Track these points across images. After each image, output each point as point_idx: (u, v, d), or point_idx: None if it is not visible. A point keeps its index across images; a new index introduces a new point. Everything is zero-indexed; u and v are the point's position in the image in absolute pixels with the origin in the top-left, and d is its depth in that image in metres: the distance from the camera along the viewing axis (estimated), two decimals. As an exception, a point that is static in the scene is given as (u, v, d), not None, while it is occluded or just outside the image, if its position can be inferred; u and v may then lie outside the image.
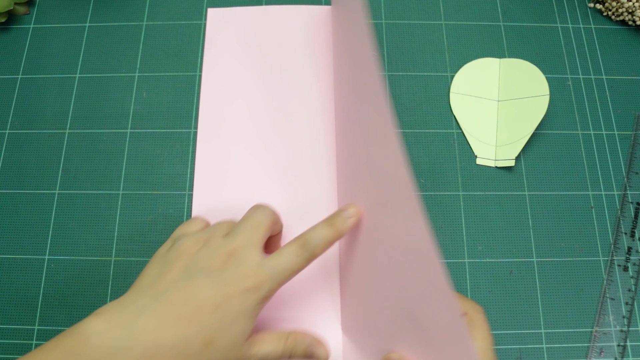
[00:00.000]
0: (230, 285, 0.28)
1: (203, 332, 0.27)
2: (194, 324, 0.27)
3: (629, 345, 0.36)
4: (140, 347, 0.25)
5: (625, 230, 0.39)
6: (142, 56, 0.44)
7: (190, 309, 0.27)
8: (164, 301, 0.27)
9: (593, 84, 0.43)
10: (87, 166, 0.40)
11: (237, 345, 0.28)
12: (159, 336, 0.26)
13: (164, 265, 0.29)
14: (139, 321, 0.26)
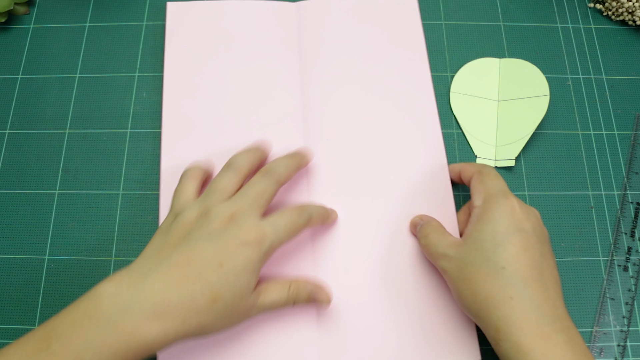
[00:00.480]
0: (232, 242, 0.29)
1: (208, 289, 0.28)
2: (199, 282, 0.28)
3: (628, 345, 0.36)
4: (149, 306, 0.27)
5: (625, 230, 0.39)
6: (142, 56, 0.44)
7: (195, 268, 0.28)
8: (169, 264, 0.29)
9: (593, 84, 0.43)
10: (87, 166, 0.40)
11: (243, 299, 0.30)
12: (167, 294, 0.27)
13: (167, 235, 0.31)
14: (146, 282, 0.28)
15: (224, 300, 0.29)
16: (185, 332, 0.28)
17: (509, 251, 0.29)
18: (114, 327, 0.26)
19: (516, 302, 0.28)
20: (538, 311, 0.28)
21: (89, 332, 0.26)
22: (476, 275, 0.29)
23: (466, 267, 0.30)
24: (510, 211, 0.30)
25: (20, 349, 0.27)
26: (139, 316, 0.27)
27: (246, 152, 0.35)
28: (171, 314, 0.27)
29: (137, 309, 0.27)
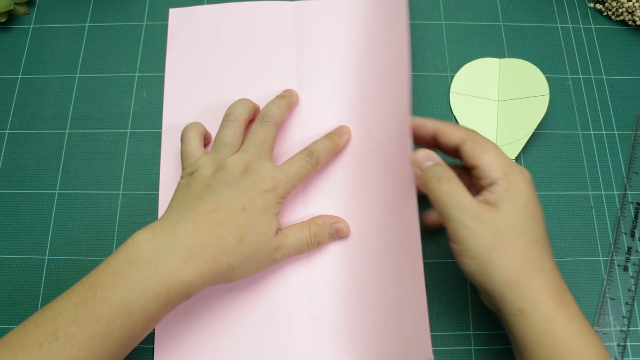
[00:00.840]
0: (251, 189, 0.32)
1: (235, 230, 0.31)
2: (227, 224, 0.31)
3: (628, 345, 0.36)
4: (184, 248, 0.29)
5: (625, 230, 0.39)
6: (142, 56, 0.44)
7: (221, 213, 0.31)
8: (197, 211, 0.31)
9: (593, 84, 0.43)
10: (87, 166, 0.40)
11: (267, 239, 0.32)
12: (199, 237, 0.30)
13: (189, 189, 0.33)
14: (179, 227, 0.30)
15: (250, 240, 0.31)
16: (218, 272, 0.30)
17: (539, 225, 0.30)
18: (155, 270, 0.28)
19: (546, 274, 0.29)
20: (559, 283, 0.29)
21: (131, 276, 0.28)
22: (513, 246, 0.29)
23: (502, 235, 0.29)
24: (528, 186, 0.31)
25: (67, 301, 0.28)
26: (176, 258, 0.29)
27: (240, 102, 0.38)
28: (204, 254, 0.30)
29: (173, 252, 0.29)
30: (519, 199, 0.30)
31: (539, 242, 0.30)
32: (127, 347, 0.29)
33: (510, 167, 0.31)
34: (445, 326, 0.36)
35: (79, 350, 0.27)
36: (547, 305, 0.28)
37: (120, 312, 0.28)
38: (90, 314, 0.27)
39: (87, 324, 0.27)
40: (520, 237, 0.29)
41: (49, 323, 0.27)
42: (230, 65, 0.42)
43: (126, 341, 0.28)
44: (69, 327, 0.27)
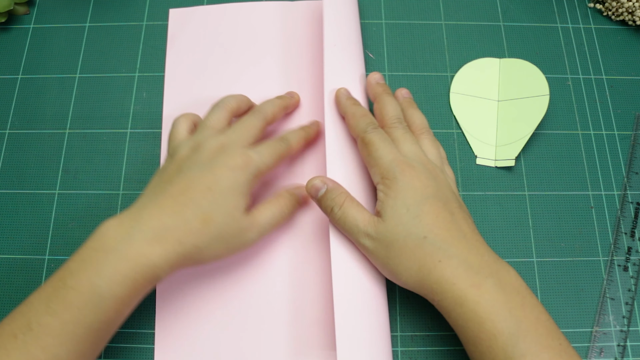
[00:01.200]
0: (218, 168, 0.32)
1: (200, 212, 0.31)
2: (191, 206, 0.31)
3: (628, 345, 0.36)
4: (149, 231, 0.30)
5: (625, 230, 0.39)
6: (142, 56, 0.44)
7: (187, 195, 0.31)
8: (164, 195, 0.31)
9: (593, 84, 0.43)
10: (87, 166, 0.40)
11: (234, 220, 0.32)
12: (162, 220, 0.30)
13: (163, 174, 0.33)
14: (145, 212, 0.31)
15: (215, 221, 0.31)
16: (184, 254, 0.30)
17: (425, 220, 0.30)
18: (121, 254, 0.29)
19: (444, 263, 0.30)
20: (465, 265, 0.29)
21: (99, 262, 0.29)
22: (403, 251, 0.30)
23: (392, 246, 0.31)
24: (410, 183, 0.31)
25: (40, 293, 0.29)
26: (141, 241, 0.29)
27: (232, 94, 0.38)
28: (169, 236, 0.30)
29: (138, 235, 0.29)
30: (397, 202, 0.31)
31: (427, 237, 0.30)
32: (101, 334, 0.29)
33: (390, 170, 0.32)
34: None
35: (53, 338, 0.27)
36: (452, 292, 0.29)
37: (90, 297, 0.28)
38: (61, 302, 0.28)
39: (59, 312, 0.28)
40: (407, 241, 0.30)
41: (23, 316, 0.28)
42: (231, 66, 0.42)
43: (99, 326, 0.29)
44: (42, 317, 0.28)
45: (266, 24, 0.44)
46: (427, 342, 0.36)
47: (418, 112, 0.39)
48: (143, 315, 0.36)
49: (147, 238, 0.29)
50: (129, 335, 0.36)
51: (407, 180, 0.31)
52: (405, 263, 0.30)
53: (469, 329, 0.29)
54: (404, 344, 0.35)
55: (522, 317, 0.28)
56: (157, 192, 0.32)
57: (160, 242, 0.30)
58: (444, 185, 0.33)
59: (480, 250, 0.31)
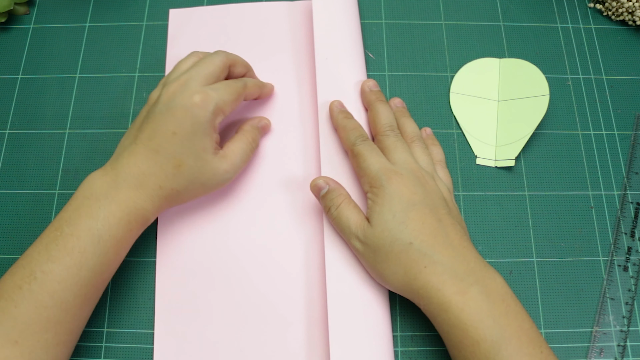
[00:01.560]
0: (178, 109, 0.32)
1: (171, 157, 0.32)
2: (161, 152, 0.32)
3: (628, 345, 0.36)
4: (130, 178, 0.31)
5: (625, 230, 0.39)
6: (142, 56, 0.44)
7: (155, 141, 0.32)
8: (136, 142, 0.33)
9: (593, 84, 0.43)
10: (87, 166, 0.40)
11: (206, 161, 0.33)
12: (139, 167, 0.32)
13: (136, 120, 0.35)
14: (123, 161, 0.32)
15: (187, 164, 0.32)
16: (166, 197, 0.33)
17: (410, 227, 0.31)
18: (112, 199, 0.31)
19: (430, 269, 0.30)
20: (450, 271, 0.30)
21: (92, 208, 0.30)
22: (390, 256, 0.31)
23: (379, 250, 0.32)
24: (397, 191, 0.32)
25: (38, 245, 0.30)
26: (126, 188, 0.31)
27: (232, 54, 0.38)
28: (149, 182, 0.32)
29: (123, 183, 0.31)
30: (384, 209, 0.32)
31: (413, 243, 0.31)
32: (103, 276, 0.31)
33: (377, 179, 0.33)
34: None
35: (59, 283, 0.28)
36: (437, 298, 0.30)
37: (89, 240, 0.29)
38: (62, 249, 0.29)
39: (62, 258, 0.29)
40: (393, 246, 0.31)
41: (25, 268, 0.29)
42: None
43: (100, 269, 0.30)
44: (44, 265, 0.29)
45: (266, 25, 0.44)
46: (427, 342, 0.36)
47: (410, 121, 0.39)
48: (143, 315, 0.36)
49: (130, 185, 0.31)
50: (128, 335, 0.36)
51: (393, 187, 0.32)
52: (391, 268, 0.31)
53: (453, 334, 0.29)
54: (404, 344, 0.35)
55: (505, 325, 0.28)
56: (130, 139, 0.33)
57: (142, 187, 0.32)
58: (432, 192, 0.33)
59: (466, 257, 0.31)
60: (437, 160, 0.38)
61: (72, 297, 0.29)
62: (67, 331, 0.29)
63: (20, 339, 0.27)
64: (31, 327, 0.27)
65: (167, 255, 0.37)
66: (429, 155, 0.37)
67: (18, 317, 0.27)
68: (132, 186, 0.31)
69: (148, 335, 0.35)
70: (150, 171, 0.32)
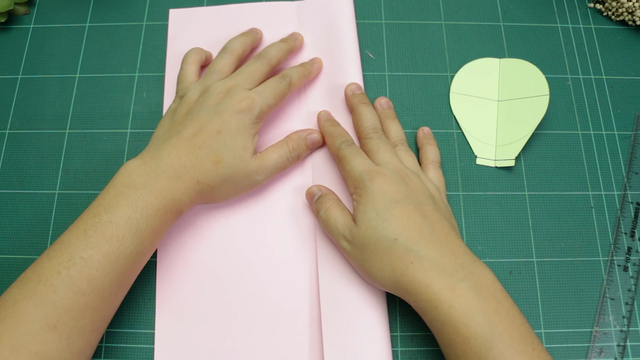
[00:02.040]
0: (226, 112, 0.34)
1: (212, 153, 0.34)
2: (204, 148, 0.33)
3: (628, 345, 0.36)
4: (170, 169, 0.32)
5: (625, 230, 0.39)
6: (142, 56, 0.44)
7: (200, 137, 0.34)
8: (179, 136, 0.34)
9: (593, 84, 0.43)
10: (87, 166, 0.40)
11: (243, 161, 0.35)
12: (181, 160, 0.33)
13: (174, 115, 0.36)
14: (163, 152, 0.33)
15: (225, 162, 0.34)
16: (201, 191, 0.33)
17: (394, 223, 0.31)
18: (151, 188, 0.31)
19: (416, 265, 0.30)
20: (438, 267, 0.30)
21: (131, 197, 0.31)
22: (376, 253, 0.32)
23: (365, 248, 0.32)
24: (380, 190, 0.33)
25: (75, 230, 0.30)
26: (165, 178, 0.32)
27: (239, 37, 0.40)
28: (187, 175, 0.33)
29: (162, 174, 0.32)
30: (367, 208, 0.32)
31: (397, 239, 0.31)
32: (137, 264, 0.32)
33: (360, 180, 0.33)
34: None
35: (97, 270, 0.29)
36: (426, 294, 0.29)
37: (128, 229, 0.30)
38: (100, 236, 0.29)
39: (100, 245, 0.29)
40: (378, 243, 0.31)
41: (63, 252, 0.29)
42: None
43: (136, 258, 0.31)
44: (83, 251, 0.29)
45: (266, 25, 0.44)
46: (427, 342, 0.36)
47: (394, 124, 0.39)
48: (143, 315, 0.36)
49: (169, 176, 0.32)
50: (128, 335, 0.36)
51: (376, 186, 0.33)
52: (378, 265, 0.31)
53: (444, 332, 0.29)
54: (404, 344, 0.35)
55: (496, 322, 0.28)
56: (171, 133, 0.34)
57: (181, 179, 0.32)
58: (417, 190, 0.33)
59: (454, 252, 0.31)
60: (431, 160, 0.38)
61: (109, 284, 0.29)
62: (102, 318, 0.30)
63: (59, 324, 0.27)
64: (69, 312, 0.28)
65: (167, 255, 0.37)
66: (413, 157, 0.37)
67: (57, 302, 0.28)
68: (171, 177, 0.32)
69: (148, 335, 0.35)
70: (191, 164, 0.33)
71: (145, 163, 0.32)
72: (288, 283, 0.36)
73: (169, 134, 0.35)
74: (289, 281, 0.36)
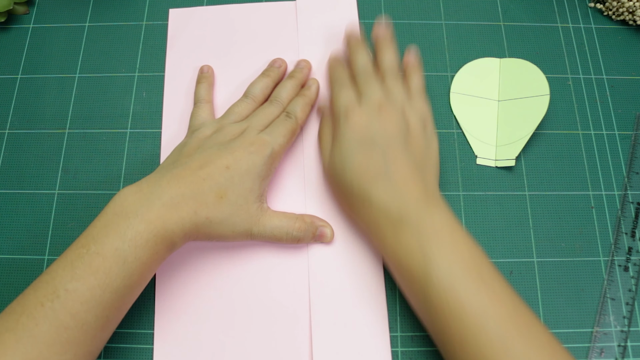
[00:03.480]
0: (237, 150, 0.33)
1: (216, 187, 0.32)
2: (209, 180, 0.32)
3: (629, 345, 0.36)
4: (167, 196, 0.31)
5: (626, 230, 0.39)
6: (142, 56, 0.44)
7: (206, 170, 0.32)
8: (184, 167, 0.33)
9: (593, 84, 0.43)
10: (87, 166, 0.40)
11: (246, 202, 0.33)
12: (180, 188, 0.31)
13: (183, 148, 0.35)
14: (163, 180, 0.32)
15: (229, 198, 0.32)
16: (197, 224, 0.31)
17: (354, 167, 0.33)
18: (142, 217, 0.30)
19: (368, 210, 0.33)
20: (385, 211, 0.32)
21: (120, 226, 0.29)
22: (339, 193, 0.36)
23: (333, 186, 0.36)
24: (350, 130, 0.34)
25: (63, 261, 0.29)
26: (159, 206, 0.30)
27: (261, 79, 0.40)
28: (185, 204, 0.31)
29: (157, 201, 0.30)
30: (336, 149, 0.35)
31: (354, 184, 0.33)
32: (126, 299, 0.30)
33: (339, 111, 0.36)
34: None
35: (81, 304, 0.28)
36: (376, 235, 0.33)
37: (115, 261, 0.29)
38: (87, 268, 0.28)
39: (86, 278, 0.28)
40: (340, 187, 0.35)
41: (48, 284, 0.28)
42: (230, 66, 0.42)
43: (124, 291, 0.29)
44: (68, 283, 0.28)
45: (265, 25, 0.44)
46: (427, 342, 0.35)
47: (389, 52, 0.39)
48: (143, 315, 0.36)
49: (165, 203, 0.30)
50: (128, 335, 0.35)
51: (348, 126, 0.34)
52: (343, 205, 0.36)
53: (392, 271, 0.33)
54: (404, 344, 0.35)
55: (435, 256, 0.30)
56: (176, 164, 0.33)
57: (176, 208, 0.31)
58: (391, 126, 0.34)
59: (405, 197, 0.32)
60: (415, 89, 0.38)
61: (94, 318, 0.28)
62: (87, 352, 0.29)
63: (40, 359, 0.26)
64: (51, 347, 0.27)
65: None
66: (402, 86, 0.37)
67: (38, 336, 0.27)
68: (166, 204, 0.30)
69: (148, 335, 0.35)
70: (191, 194, 0.31)
71: (140, 190, 0.31)
72: (289, 282, 0.36)
73: (174, 165, 0.33)
74: (289, 281, 0.36)
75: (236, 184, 0.33)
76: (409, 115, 0.36)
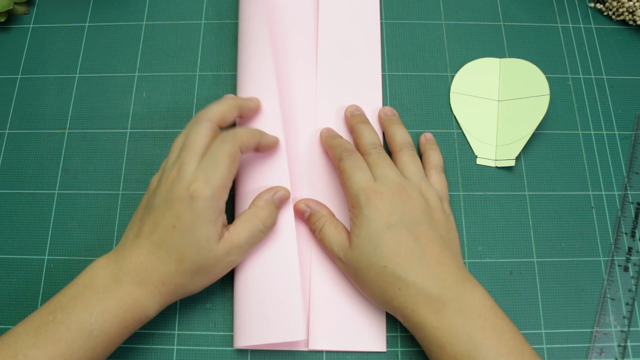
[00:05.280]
0: (176, 202, 0.30)
1: (172, 252, 0.30)
2: (163, 247, 0.30)
3: (629, 345, 0.36)
4: (132, 274, 0.30)
5: (626, 231, 0.39)
6: (142, 56, 0.44)
7: (157, 235, 0.31)
8: (140, 235, 0.31)
9: (593, 84, 0.43)
10: (86, 166, 0.40)
11: (208, 252, 0.31)
12: (142, 263, 0.30)
13: (139, 208, 0.34)
14: (126, 254, 0.31)
15: (189, 258, 0.30)
16: (169, 292, 0.31)
17: (384, 250, 0.32)
18: (111, 293, 0.29)
19: (404, 292, 0.31)
20: (424, 293, 0.31)
21: (89, 300, 0.29)
22: (367, 277, 0.32)
23: (358, 272, 0.33)
24: (375, 212, 0.32)
25: (28, 325, 0.29)
26: (127, 284, 0.30)
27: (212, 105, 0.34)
28: (150, 279, 0.30)
29: (125, 279, 0.30)
30: (361, 232, 0.33)
31: (387, 266, 0.31)
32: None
33: (357, 198, 0.33)
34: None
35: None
36: (413, 318, 0.31)
37: (79, 333, 0.28)
38: (50, 336, 0.28)
39: (47, 346, 0.27)
40: (370, 269, 0.32)
41: (9, 347, 0.28)
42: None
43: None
44: (29, 349, 0.27)
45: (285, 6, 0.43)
46: (427, 342, 0.35)
47: (400, 129, 0.39)
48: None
49: (132, 281, 0.30)
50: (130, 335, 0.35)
51: (371, 209, 0.32)
52: (370, 289, 0.33)
53: (432, 351, 0.31)
54: (404, 344, 0.35)
55: (482, 339, 0.29)
56: (134, 230, 0.32)
57: (144, 284, 0.30)
58: (414, 208, 0.33)
59: (442, 275, 0.31)
60: (433, 165, 0.38)
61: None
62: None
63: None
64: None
65: None
66: (417, 163, 0.37)
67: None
68: (134, 282, 0.30)
69: (148, 335, 0.35)
70: (153, 267, 0.30)
71: (109, 264, 0.30)
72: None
73: (132, 231, 0.32)
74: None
75: (189, 242, 0.30)
76: (426, 192, 0.35)
